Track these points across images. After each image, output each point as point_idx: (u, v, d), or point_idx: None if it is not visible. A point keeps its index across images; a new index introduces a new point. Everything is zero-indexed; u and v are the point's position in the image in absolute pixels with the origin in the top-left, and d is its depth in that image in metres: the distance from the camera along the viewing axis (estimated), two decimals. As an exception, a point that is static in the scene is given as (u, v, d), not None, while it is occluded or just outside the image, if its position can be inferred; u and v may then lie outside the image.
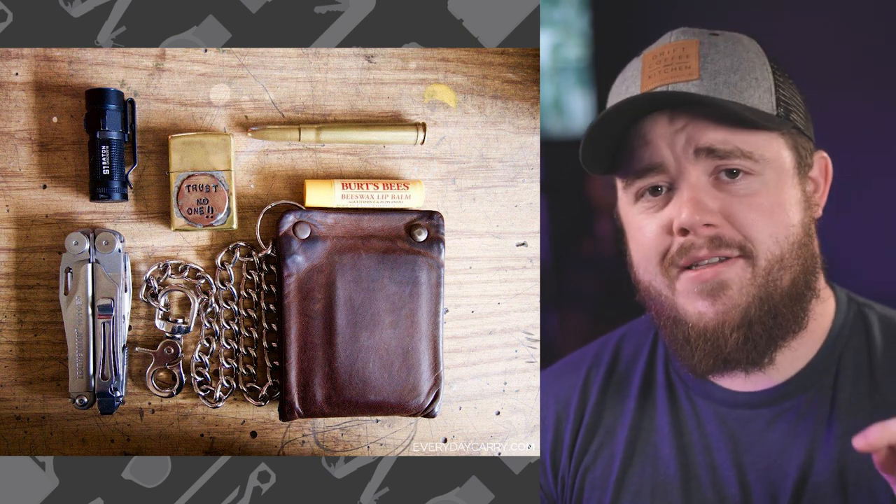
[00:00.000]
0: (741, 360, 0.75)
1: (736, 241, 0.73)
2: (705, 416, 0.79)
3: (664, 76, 0.74)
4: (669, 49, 0.75)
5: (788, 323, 0.75)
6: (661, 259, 0.76)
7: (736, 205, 0.73)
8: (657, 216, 0.75)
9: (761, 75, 0.75)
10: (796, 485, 0.75)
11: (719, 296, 0.74)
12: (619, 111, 0.74)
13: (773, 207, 0.73)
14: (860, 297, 0.81)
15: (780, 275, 0.74)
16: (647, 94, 0.73)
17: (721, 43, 0.75)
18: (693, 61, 0.74)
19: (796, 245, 0.74)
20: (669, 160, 0.74)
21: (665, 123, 0.74)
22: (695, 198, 0.73)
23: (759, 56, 0.76)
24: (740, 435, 0.77)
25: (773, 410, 0.77)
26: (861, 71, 1.64)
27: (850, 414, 0.75)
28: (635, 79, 0.76)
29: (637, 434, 0.81)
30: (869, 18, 1.61)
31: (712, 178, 0.73)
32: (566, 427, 0.85)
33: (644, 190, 0.76)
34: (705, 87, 0.73)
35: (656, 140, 0.74)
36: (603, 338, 0.89)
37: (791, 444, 0.76)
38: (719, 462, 0.77)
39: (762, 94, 0.74)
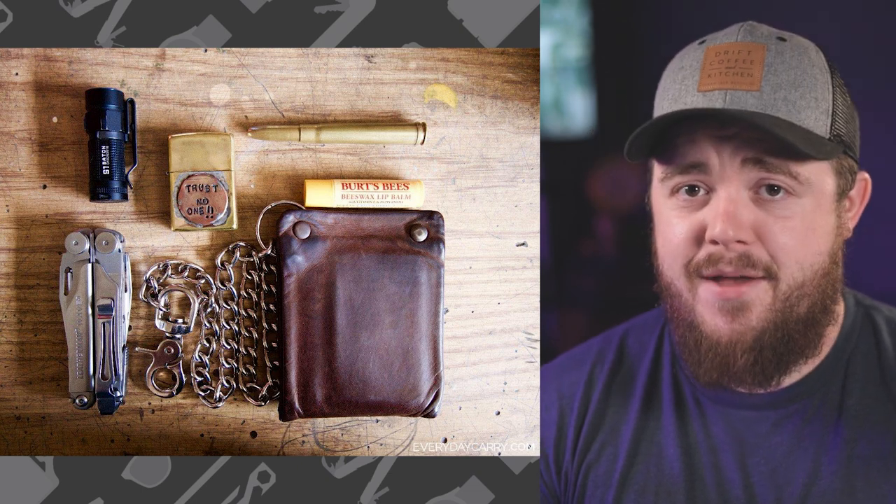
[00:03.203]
0: (747, 380, 0.74)
1: (763, 262, 0.72)
2: (711, 416, 0.79)
3: (724, 79, 0.72)
4: (735, 49, 0.73)
5: (801, 348, 0.74)
6: (686, 262, 0.74)
7: (770, 224, 0.72)
8: (690, 218, 0.74)
9: (821, 95, 0.73)
10: (802, 489, 0.74)
11: (738, 316, 0.73)
12: (673, 120, 0.72)
13: (806, 233, 0.72)
14: (867, 299, 0.80)
15: (798, 301, 0.73)
16: (703, 110, 0.71)
17: (787, 52, 0.73)
18: (756, 69, 0.72)
19: (819, 273, 0.73)
20: (714, 163, 0.72)
21: (716, 126, 0.72)
22: (732, 212, 0.71)
23: (823, 73, 0.74)
24: (746, 436, 0.77)
25: (779, 413, 0.77)
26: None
27: (858, 419, 0.75)
28: (694, 72, 0.74)
29: (642, 432, 0.81)
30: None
31: (752, 191, 0.72)
32: (570, 423, 0.85)
33: (681, 186, 0.74)
34: (764, 100, 0.71)
35: (704, 140, 0.72)
36: (606, 333, 0.89)
37: (797, 447, 0.75)
38: (724, 463, 0.77)
39: (819, 116, 0.72)
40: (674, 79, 0.76)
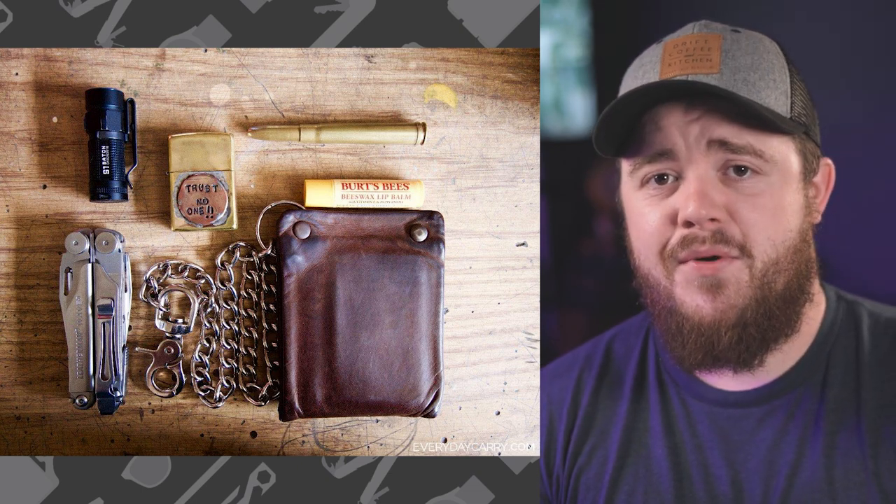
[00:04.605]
0: (732, 359, 0.75)
1: (737, 239, 0.73)
2: (697, 415, 0.79)
3: (684, 66, 0.74)
4: (692, 40, 0.75)
5: (781, 325, 0.76)
6: (661, 249, 0.76)
7: (741, 202, 0.73)
8: (661, 205, 0.75)
9: (779, 77, 0.75)
10: (786, 482, 0.75)
11: (718, 293, 0.74)
12: (639, 95, 0.74)
13: (776, 210, 0.74)
14: (849, 295, 0.82)
15: (774, 278, 0.74)
16: (668, 82, 0.73)
17: (743, 40, 0.75)
18: (715, 55, 0.74)
19: (791, 250, 0.75)
20: (681, 148, 0.74)
21: (680, 112, 0.74)
22: (702, 191, 0.73)
23: (779, 58, 0.76)
24: (731, 433, 0.78)
25: (763, 409, 0.78)
26: (860, 71, 1.64)
27: (836, 412, 0.76)
28: (654, 65, 0.76)
29: (630, 435, 0.82)
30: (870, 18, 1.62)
31: (720, 172, 0.73)
32: (559, 428, 0.86)
33: (651, 176, 0.76)
34: (725, 81, 0.73)
35: (669, 127, 0.74)
36: (594, 339, 0.90)
37: (781, 441, 0.76)
38: (711, 461, 0.78)
39: (778, 96, 0.74)
40: (634, 76, 0.78)
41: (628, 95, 0.74)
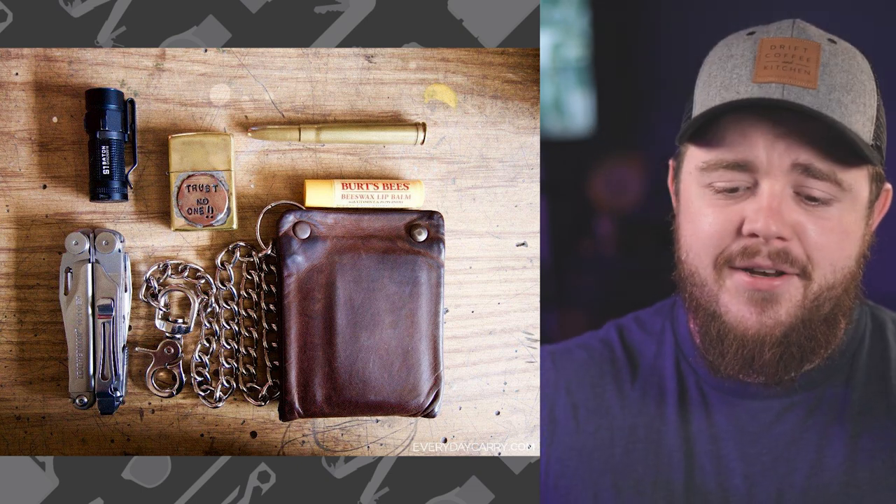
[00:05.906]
0: (769, 374, 0.75)
1: (800, 260, 0.72)
2: (716, 405, 0.79)
3: (781, 73, 0.71)
4: (790, 45, 0.72)
5: (819, 346, 0.75)
6: (718, 253, 0.74)
7: (811, 224, 0.72)
8: (726, 210, 0.74)
9: (868, 101, 0.73)
10: (804, 480, 0.75)
11: (766, 308, 0.73)
12: (735, 106, 0.72)
13: (842, 236, 0.73)
14: (869, 301, 0.81)
15: (825, 302, 0.74)
16: (768, 100, 0.71)
17: (840, 54, 0.73)
18: (813, 67, 0.71)
19: (848, 277, 0.74)
20: (762, 162, 0.72)
21: (769, 123, 0.72)
22: (776, 208, 0.71)
23: (870, 80, 0.74)
24: (748, 426, 0.77)
25: (782, 402, 0.77)
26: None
27: (862, 414, 0.75)
28: (747, 63, 0.73)
29: (639, 419, 0.81)
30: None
31: (794, 192, 0.72)
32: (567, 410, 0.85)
33: (723, 185, 0.74)
34: (820, 99, 0.71)
35: (755, 138, 0.72)
36: (608, 323, 0.88)
37: (799, 438, 0.76)
38: (725, 452, 0.77)
39: (865, 122, 0.73)
40: (722, 66, 0.75)
41: (724, 106, 0.71)
